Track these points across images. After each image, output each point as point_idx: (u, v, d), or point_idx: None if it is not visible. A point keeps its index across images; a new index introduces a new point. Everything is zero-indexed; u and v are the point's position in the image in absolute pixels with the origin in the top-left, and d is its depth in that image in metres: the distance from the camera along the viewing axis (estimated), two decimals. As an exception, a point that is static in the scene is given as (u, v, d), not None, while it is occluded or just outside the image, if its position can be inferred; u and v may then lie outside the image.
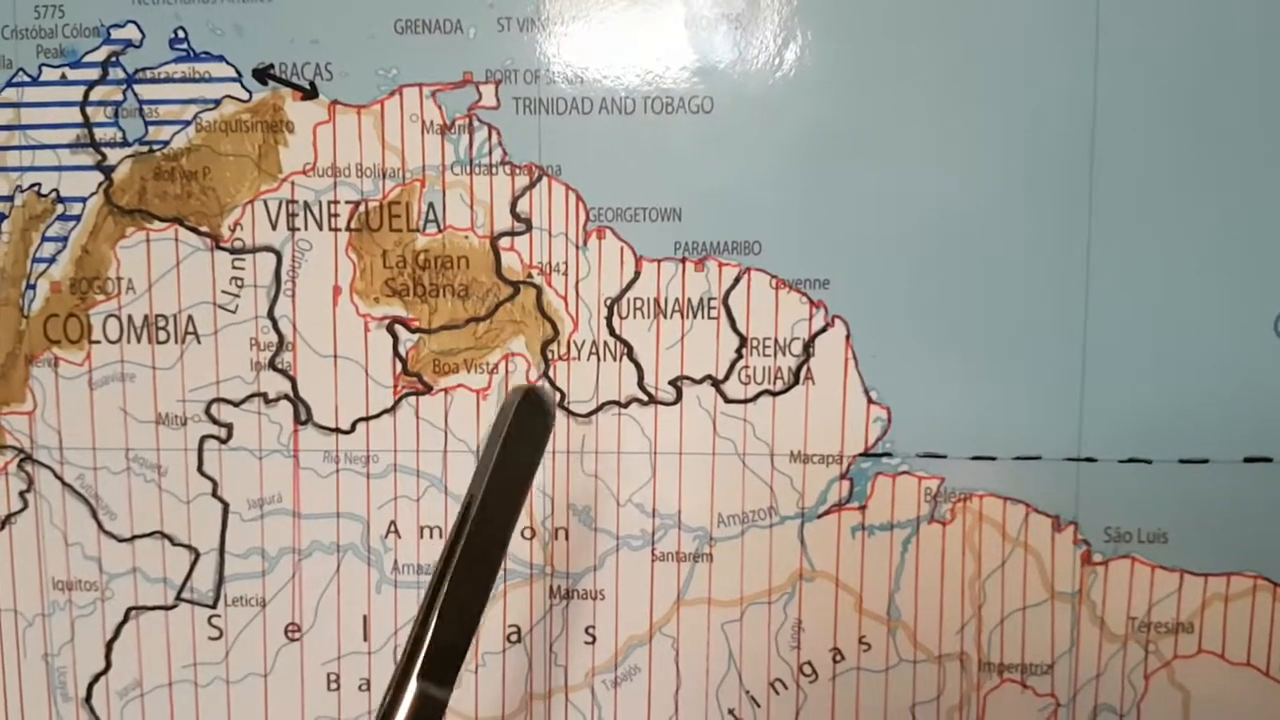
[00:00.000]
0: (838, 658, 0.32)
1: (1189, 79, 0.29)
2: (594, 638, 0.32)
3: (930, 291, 0.30)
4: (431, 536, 0.32)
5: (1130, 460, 0.31)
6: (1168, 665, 0.31)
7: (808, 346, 0.31)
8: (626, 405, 0.31)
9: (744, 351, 0.31)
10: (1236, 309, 0.30)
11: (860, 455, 0.31)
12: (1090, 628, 0.31)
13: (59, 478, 0.33)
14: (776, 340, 0.31)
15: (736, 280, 0.31)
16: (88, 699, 0.33)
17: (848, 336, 0.31)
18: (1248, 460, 0.30)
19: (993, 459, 0.31)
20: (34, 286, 0.32)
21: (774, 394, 0.31)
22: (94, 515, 0.33)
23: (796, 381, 0.31)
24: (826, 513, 0.31)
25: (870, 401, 0.31)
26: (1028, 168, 0.30)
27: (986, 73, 0.30)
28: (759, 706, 0.32)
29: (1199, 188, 0.30)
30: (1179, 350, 0.30)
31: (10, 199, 0.32)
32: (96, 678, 0.33)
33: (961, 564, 0.31)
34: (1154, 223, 0.30)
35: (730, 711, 0.32)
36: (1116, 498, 0.31)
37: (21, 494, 0.33)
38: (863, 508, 0.31)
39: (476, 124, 0.31)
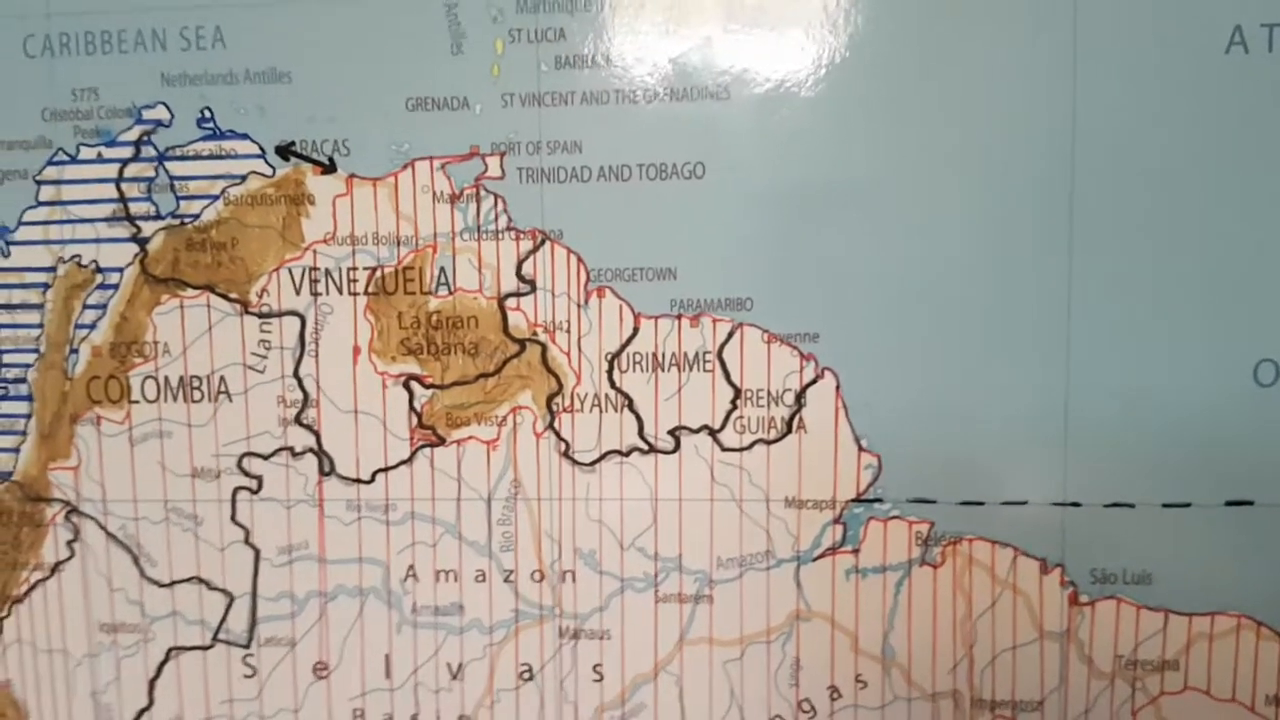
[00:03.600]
0: (835, 695, 0.33)
1: (1168, 129, 0.30)
2: (601, 676, 0.34)
3: (916, 343, 0.32)
4: (447, 580, 0.34)
5: (1114, 505, 0.32)
6: (1154, 701, 0.32)
7: (799, 397, 0.32)
8: (628, 454, 0.33)
9: (739, 402, 0.33)
10: (1217, 357, 0.31)
11: (852, 501, 0.32)
12: (1078, 666, 0.32)
13: (103, 528, 0.35)
14: (769, 391, 0.32)
15: (730, 335, 0.32)
16: (133, 734, 0.36)
17: (838, 387, 0.32)
18: (1229, 504, 0.31)
19: (981, 504, 0.32)
20: (77, 351, 0.34)
21: (768, 443, 0.33)
22: (136, 562, 0.35)
23: (789, 431, 0.32)
24: (821, 556, 0.33)
25: (861, 449, 0.32)
26: (1009, 220, 0.31)
27: (969, 130, 0.31)
28: (760, 741, 0.34)
29: (1178, 237, 0.31)
30: (1161, 397, 0.31)
31: (53, 270, 0.34)
32: (140, 714, 0.36)
33: (953, 605, 0.32)
34: (1135, 270, 0.31)
35: (733, 746, 0.34)
36: (1102, 541, 0.32)
37: (69, 544, 0.35)
38: (856, 551, 0.33)
39: (483, 193, 0.32)
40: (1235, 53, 0.30)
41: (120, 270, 0.34)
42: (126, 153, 0.34)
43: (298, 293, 0.33)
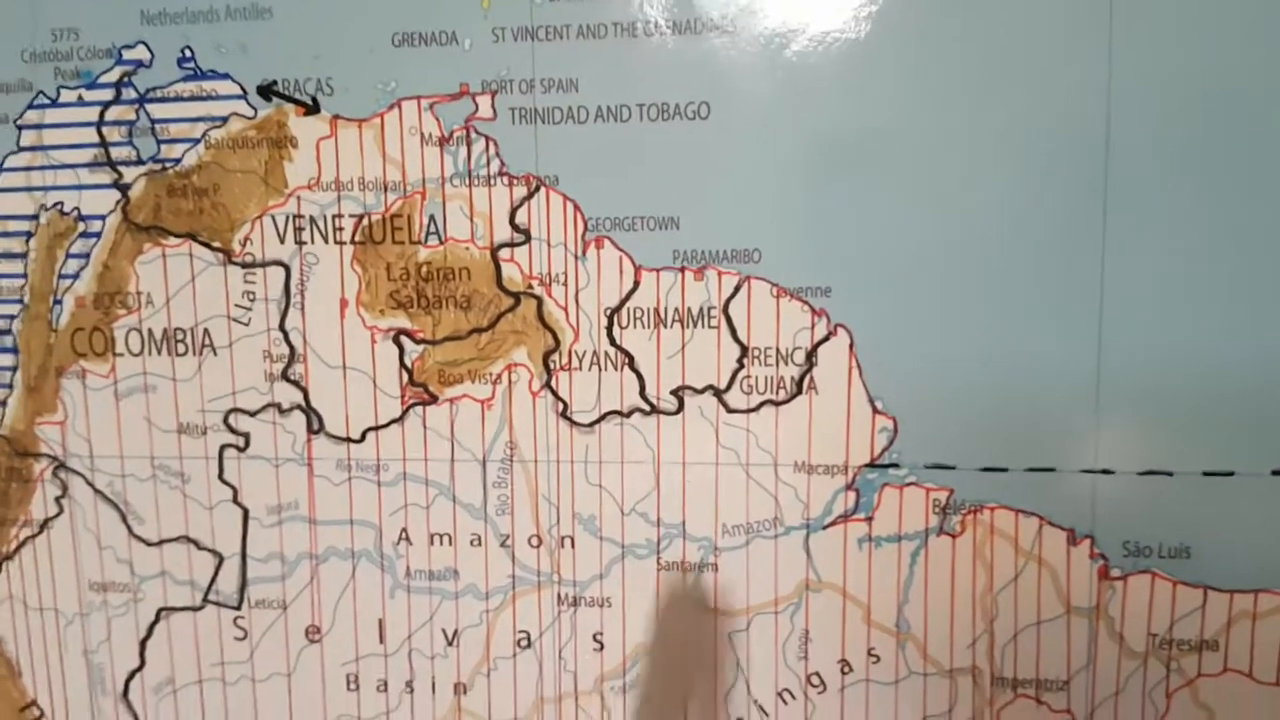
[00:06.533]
0: (846, 669, 0.31)
1: (1212, 75, 0.28)
2: (601, 645, 0.32)
3: (936, 298, 0.29)
4: (441, 544, 0.33)
5: (1150, 472, 0.29)
6: (1191, 684, 0.30)
7: (810, 356, 0.30)
8: (629, 415, 0.31)
9: (745, 361, 0.30)
10: (1263, 314, 0.28)
11: (866, 466, 0.30)
12: (1108, 644, 0.30)
13: (90, 484, 0.34)
14: (778, 350, 0.30)
15: (736, 289, 0.30)
16: (125, 694, 0.35)
17: (851, 345, 0.30)
18: (1276, 473, 0.29)
19: (1004, 470, 0.30)
20: (60, 302, 0.33)
21: (776, 404, 0.31)
22: (124, 520, 0.34)
23: (799, 391, 0.30)
24: (832, 524, 0.31)
25: (875, 411, 0.30)
26: (1037, 169, 0.28)
27: (993, 72, 0.28)
28: (767, 716, 0.32)
29: (1221, 190, 0.28)
30: (1202, 356, 0.29)
31: (36, 218, 0.33)
32: (132, 674, 0.35)
33: (973, 577, 0.30)
34: (1174, 222, 0.28)
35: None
36: (1135, 511, 0.29)
37: (57, 499, 0.34)
38: (869, 519, 0.31)
39: (474, 136, 0.31)
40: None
41: (102, 218, 0.33)
42: (107, 95, 0.32)
43: (282, 241, 0.32)
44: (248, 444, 0.33)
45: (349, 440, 0.32)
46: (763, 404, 0.31)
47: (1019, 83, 0.28)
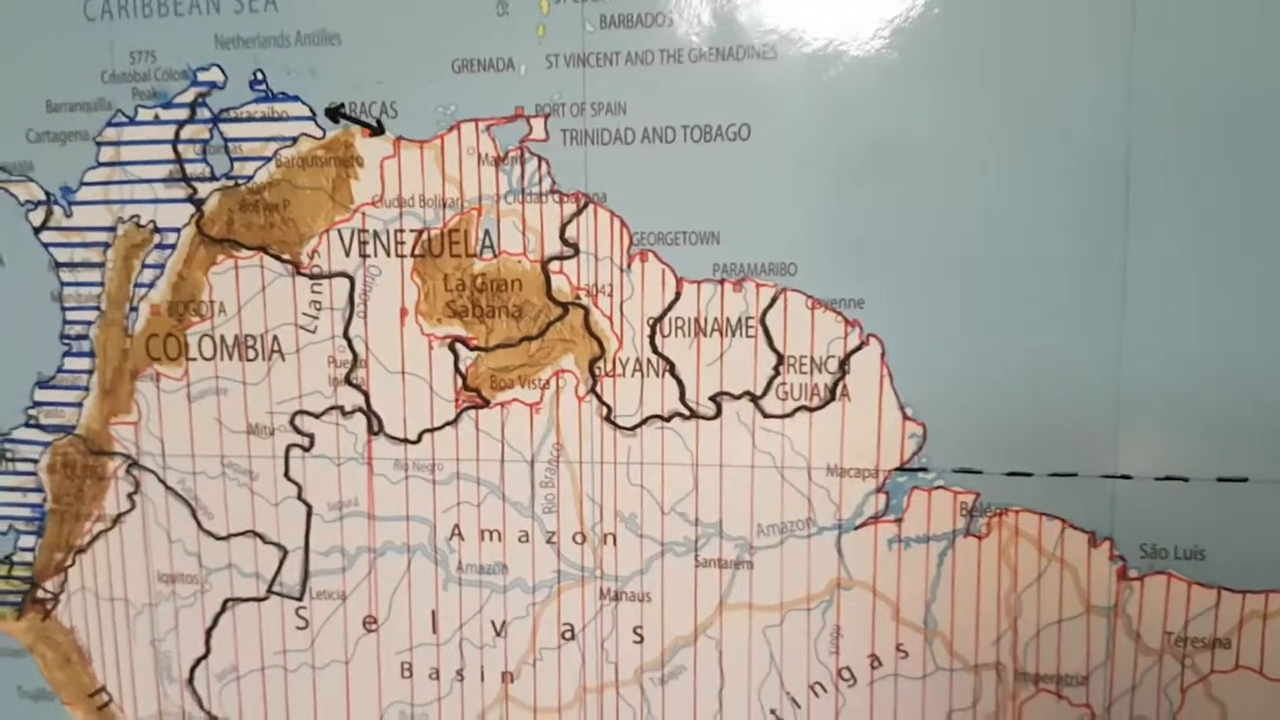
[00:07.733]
0: (875, 664, 0.33)
1: (1230, 82, 0.29)
2: (642, 638, 0.34)
3: (964, 310, 0.31)
4: (491, 539, 0.34)
5: (1166, 478, 0.31)
6: (1204, 680, 0.31)
7: (843, 364, 0.32)
8: (669, 419, 0.33)
9: (781, 369, 0.32)
10: (1276, 322, 0.30)
11: (896, 470, 0.32)
12: (1126, 641, 0.32)
13: (162, 481, 0.36)
14: (813, 358, 0.32)
15: (773, 300, 0.32)
16: (190, 681, 0.37)
17: (883, 354, 0.32)
18: (1288, 479, 0.30)
19: (1028, 475, 0.31)
20: (136, 309, 0.35)
21: (811, 410, 0.32)
22: (194, 515, 0.36)
23: (833, 398, 0.32)
24: (863, 525, 0.32)
25: (905, 418, 0.32)
26: (1062, 185, 0.30)
27: (1020, 91, 0.30)
28: (799, 708, 0.34)
29: (1241, 197, 0.29)
30: (1217, 366, 0.30)
31: (113, 229, 0.35)
32: (198, 662, 0.37)
33: (997, 577, 0.32)
34: (1193, 234, 0.30)
35: (772, 711, 0.34)
36: (1153, 515, 0.31)
37: (130, 496, 0.36)
38: (899, 520, 0.32)
39: (527, 155, 0.32)
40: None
41: (177, 230, 0.35)
42: (182, 114, 0.34)
43: (347, 254, 0.34)
44: (312, 444, 0.35)
45: (406, 441, 0.34)
46: (797, 410, 0.32)
47: (1046, 98, 0.30)
